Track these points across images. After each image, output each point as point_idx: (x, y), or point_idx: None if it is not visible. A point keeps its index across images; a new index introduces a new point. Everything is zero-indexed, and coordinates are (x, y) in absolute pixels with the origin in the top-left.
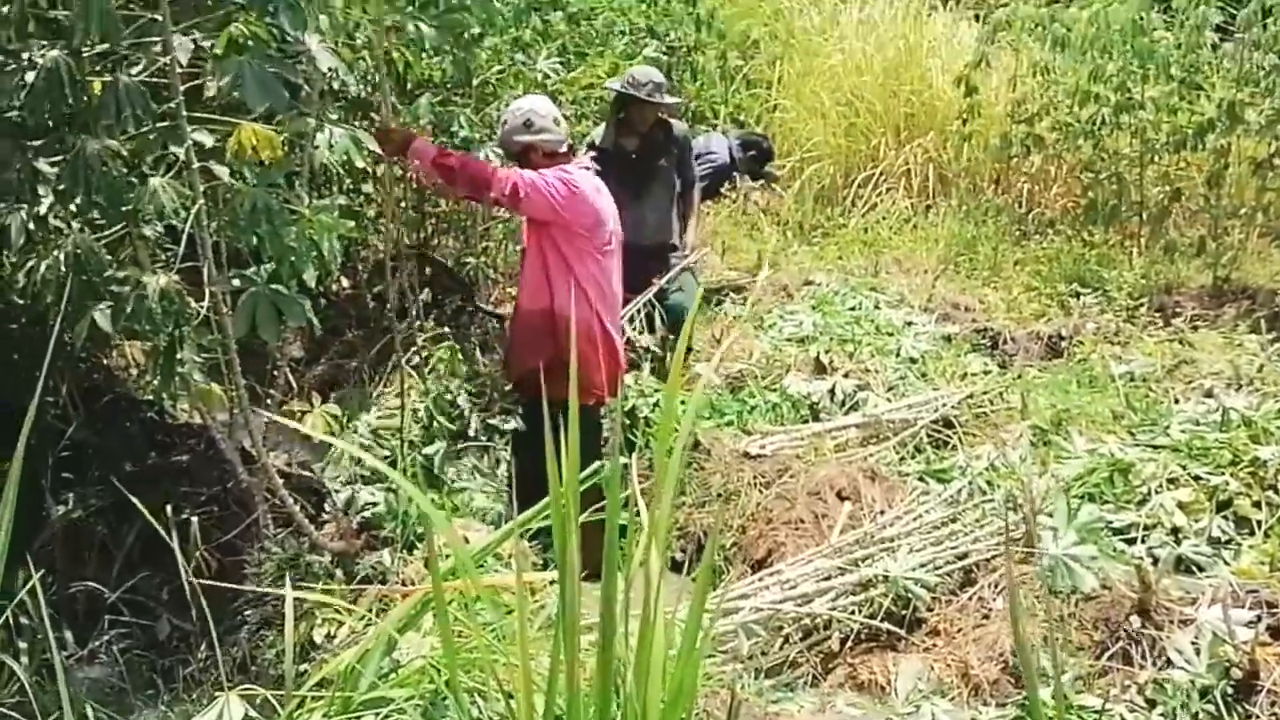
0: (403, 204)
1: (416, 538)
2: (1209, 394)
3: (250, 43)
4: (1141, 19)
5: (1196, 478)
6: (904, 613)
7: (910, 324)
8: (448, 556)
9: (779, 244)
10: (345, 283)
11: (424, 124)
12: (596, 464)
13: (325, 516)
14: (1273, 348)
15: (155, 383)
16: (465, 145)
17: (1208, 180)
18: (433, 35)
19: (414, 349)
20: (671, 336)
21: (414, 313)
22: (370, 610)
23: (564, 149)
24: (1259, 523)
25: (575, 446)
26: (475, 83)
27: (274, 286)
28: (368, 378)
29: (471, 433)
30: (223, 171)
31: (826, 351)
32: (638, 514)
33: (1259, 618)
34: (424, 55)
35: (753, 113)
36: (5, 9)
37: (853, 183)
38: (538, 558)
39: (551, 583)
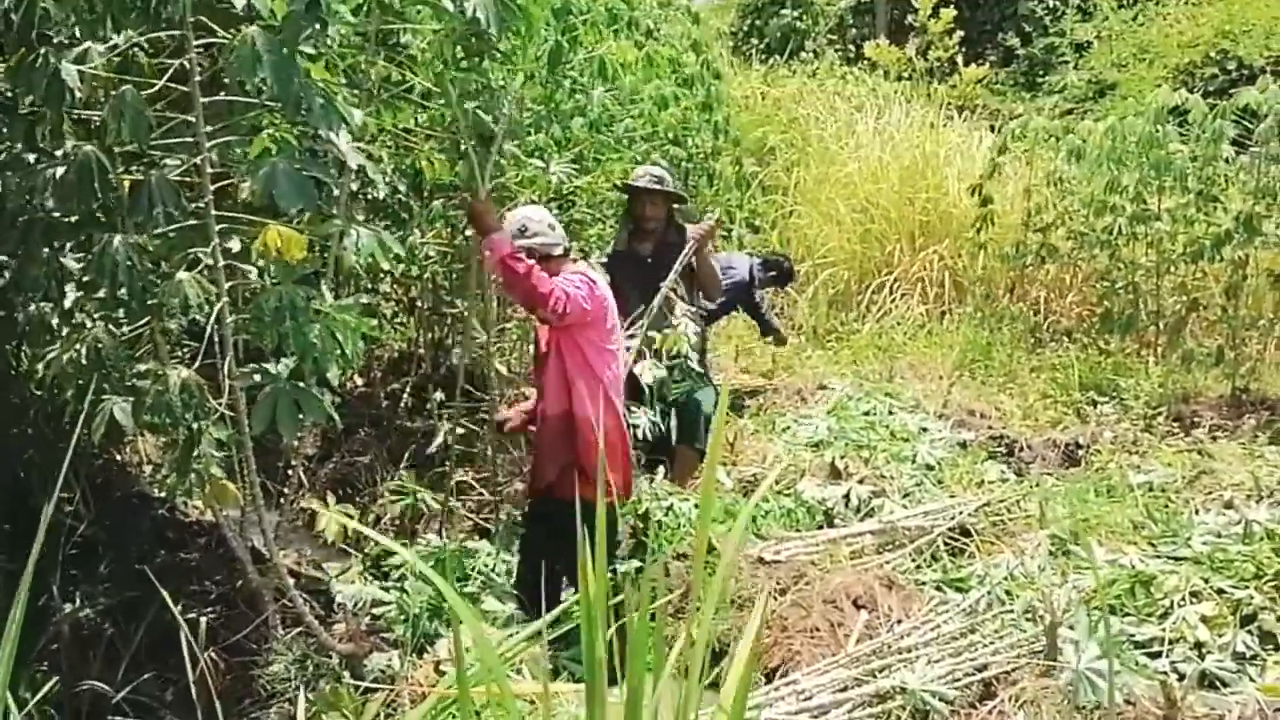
0: (418, 302)
1: (426, 640)
2: (1230, 505)
3: (283, 145)
4: (1157, 131)
5: (1220, 591)
6: None
7: (925, 430)
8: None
9: (794, 349)
10: (359, 380)
11: (438, 225)
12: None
13: (334, 617)
14: None
15: (170, 478)
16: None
17: (1225, 291)
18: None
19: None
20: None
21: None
22: (379, 714)
23: (559, 251)
24: None
25: (603, 548)
26: (490, 186)
27: (295, 382)
28: (380, 476)
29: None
30: (249, 270)
31: (841, 456)
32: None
33: None
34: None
35: (768, 218)
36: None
37: (867, 288)
38: (550, 663)
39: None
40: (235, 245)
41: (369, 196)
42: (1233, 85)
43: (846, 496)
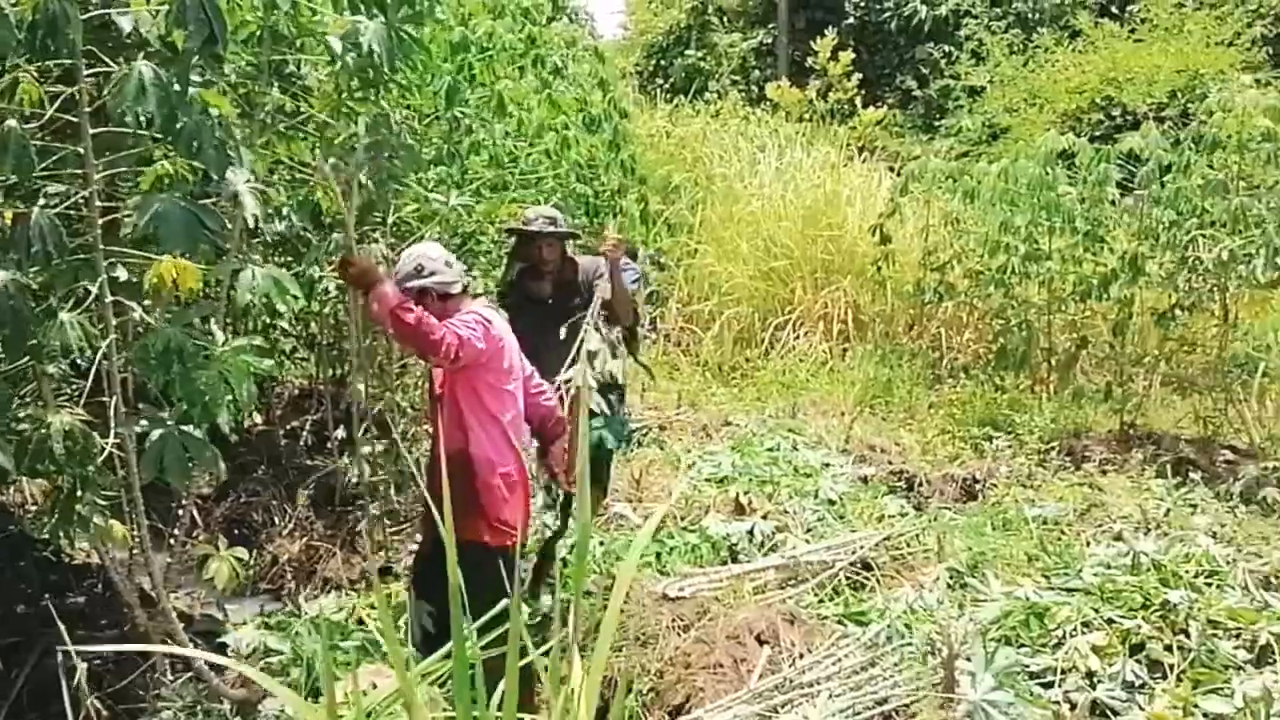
0: (319, 338)
1: (321, 684)
2: (1119, 537)
3: (172, 181)
4: (1047, 174)
5: (1110, 621)
6: None
7: (828, 465)
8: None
9: (698, 385)
10: (258, 418)
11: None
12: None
13: (226, 662)
14: (1178, 492)
15: (53, 522)
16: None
17: (1113, 329)
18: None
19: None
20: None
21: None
22: None
23: (457, 289)
24: (1171, 666)
25: (460, 588)
26: (391, 220)
27: (184, 428)
28: (277, 516)
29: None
30: (136, 309)
31: (745, 492)
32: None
33: None
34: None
35: (674, 256)
36: None
37: (771, 325)
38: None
39: None
40: (122, 275)
41: (261, 232)
42: (1118, 130)
43: (750, 532)
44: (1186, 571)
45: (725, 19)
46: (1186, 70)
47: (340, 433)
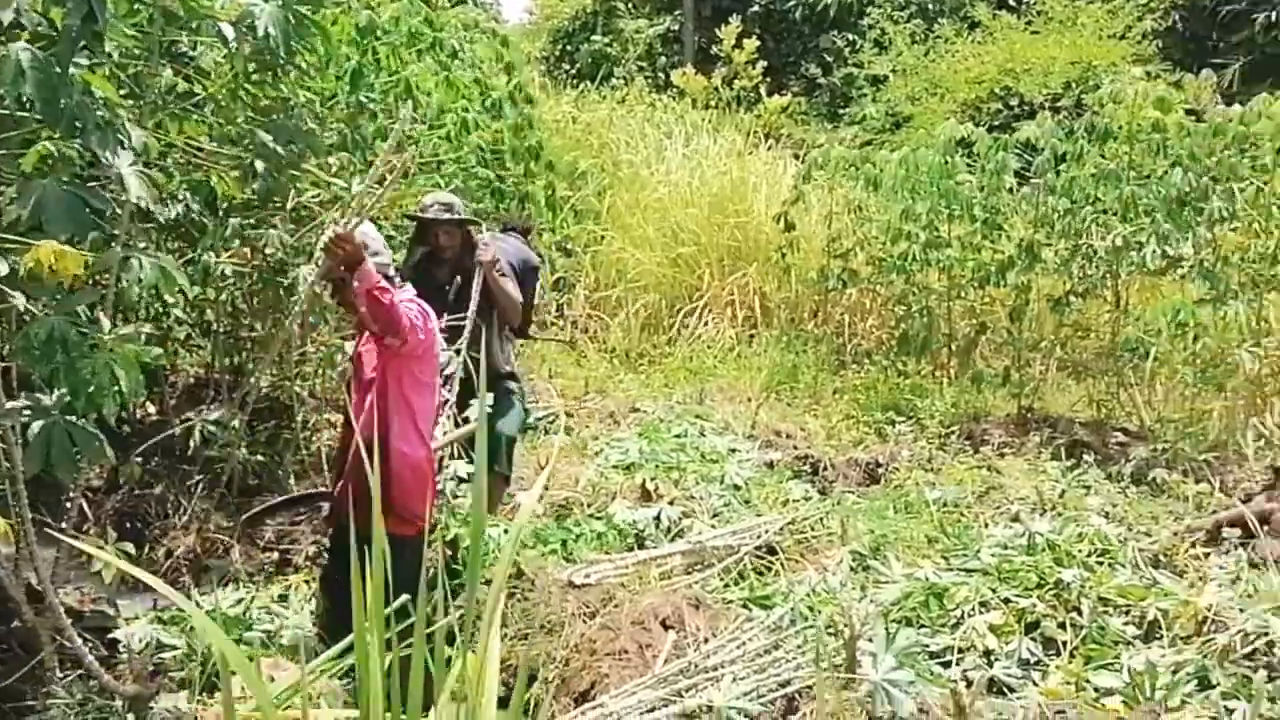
0: (215, 326)
1: (217, 678)
2: (1016, 519)
3: (56, 164)
4: (947, 163)
5: (1006, 600)
6: None
7: (734, 451)
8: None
9: (606, 372)
10: (151, 409)
11: (235, 244)
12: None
13: (118, 658)
14: (1072, 474)
15: None
16: (278, 267)
17: (1010, 315)
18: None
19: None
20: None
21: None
22: None
23: (392, 272)
24: (1064, 643)
25: (381, 579)
26: (290, 205)
27: (69, 418)
28: (171, 509)
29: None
30: (18, 297)
31: (652, 479)
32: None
33: None
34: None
35: (580, 242)
36: None
37: (678, 311)
38: (350, 697)
39: None
40: (3, 268)
41: (153, 216)
42: (1015, 120)
43: (657, 518)
44: (1079, 551)
45: (631, 5)
46: (1080, 62)
47: (238, 422)
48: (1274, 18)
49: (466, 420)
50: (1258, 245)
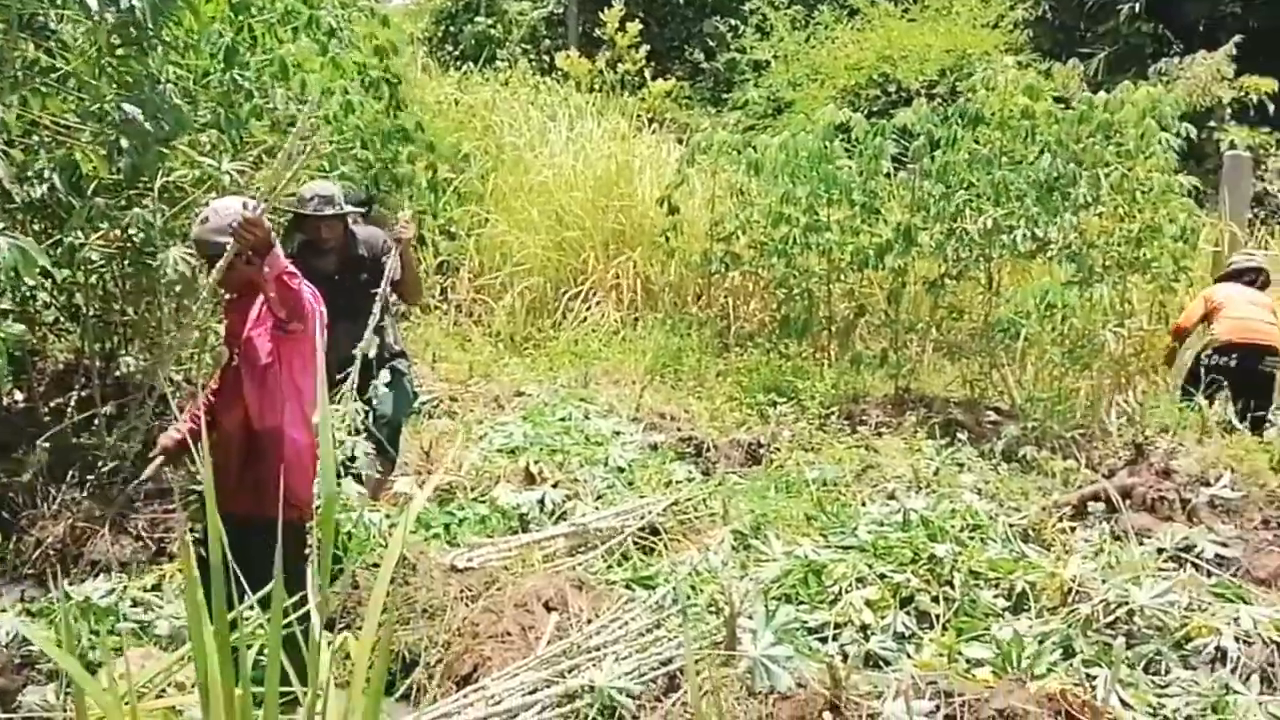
0: (84, 312)
1: (89, 669)
2: (892, 496)
3: None
4: (826, 148)
5: (882, 576)
6: None
7: (618, 434)
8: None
9: (491, 356)
10: (19, 396)
11: (103, 227)
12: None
13: None
14: (946, 452)
15: None
16: (144, 248)
17: (888, 297)
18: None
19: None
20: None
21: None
22: None
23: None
24: (937, 617)
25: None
26: (158, 185)
27: None
28: (40, 497)
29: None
30: None
31: (536, 462)
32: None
33: (937, 708)
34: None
35: (464, 225)
36: None
37: (564, 295)
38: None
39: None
40: None
41: (14, 196)
42: (893, 106)
43: (541, 501)
44: (952, 527)
45: None
46: (955, 50)
47: (109, 409)
48: (1138, 9)
49: (369, 403)
50: (1122, 229)
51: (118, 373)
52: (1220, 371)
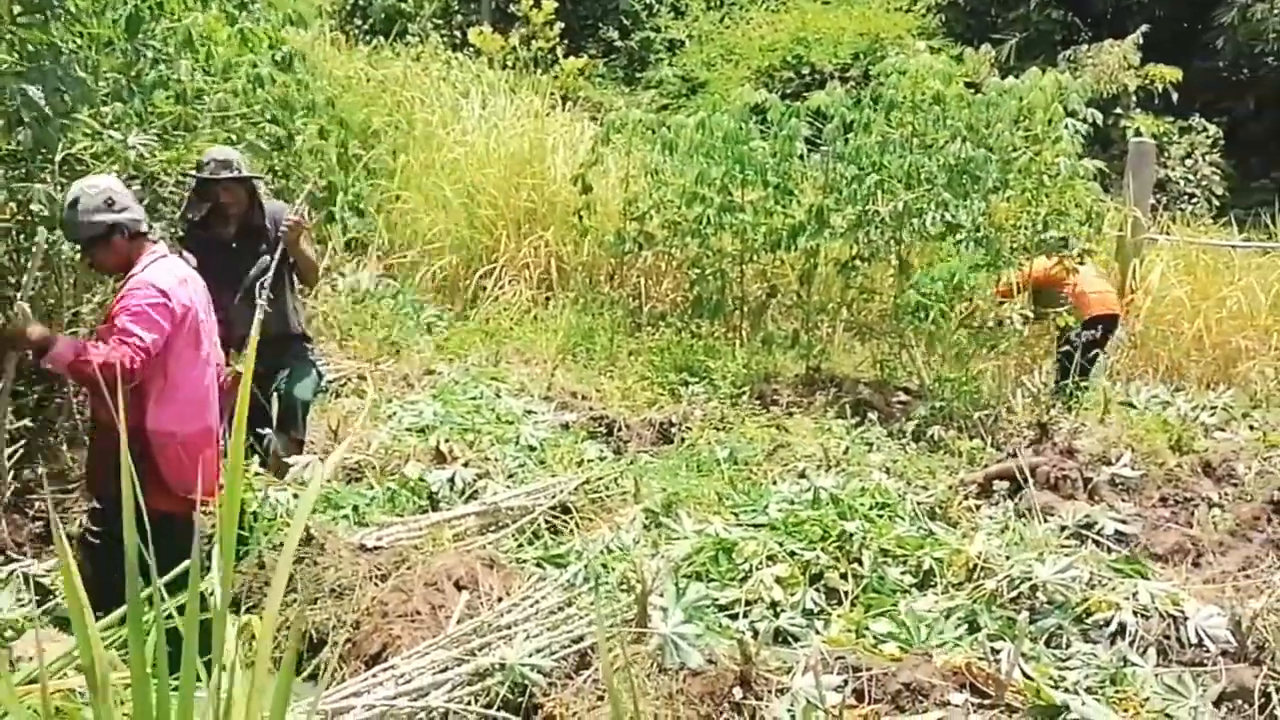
0: None
1: None
2: (803, 475)
3: None
4: (741, 128)
5: (792, 554)
6: (520, 700)
7: (530, 413)
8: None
9: (400, 333)
10: None
11: (1, 200)
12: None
13: None
14: (856, 431)
15: None
16: (44, 223)
17: (800, 278)
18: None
19: None
20: (283, 433)
21: None
22: None
23: (145, 228)
24: (846, 593)
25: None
26: (60, 158)
27: None
28: None
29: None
30: None
31: (446, 440)
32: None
33: (845, 682)
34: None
35: (372, 201)
36: None
37: (475, 274)
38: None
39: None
40: None
41: None
42: (807, 88)
43: (451, 480)
44: (862, 505)
45: None
46: (869, 34)
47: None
48: None
49: (277, 390)
50: (1029, 213)
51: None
52: (1094, 345)
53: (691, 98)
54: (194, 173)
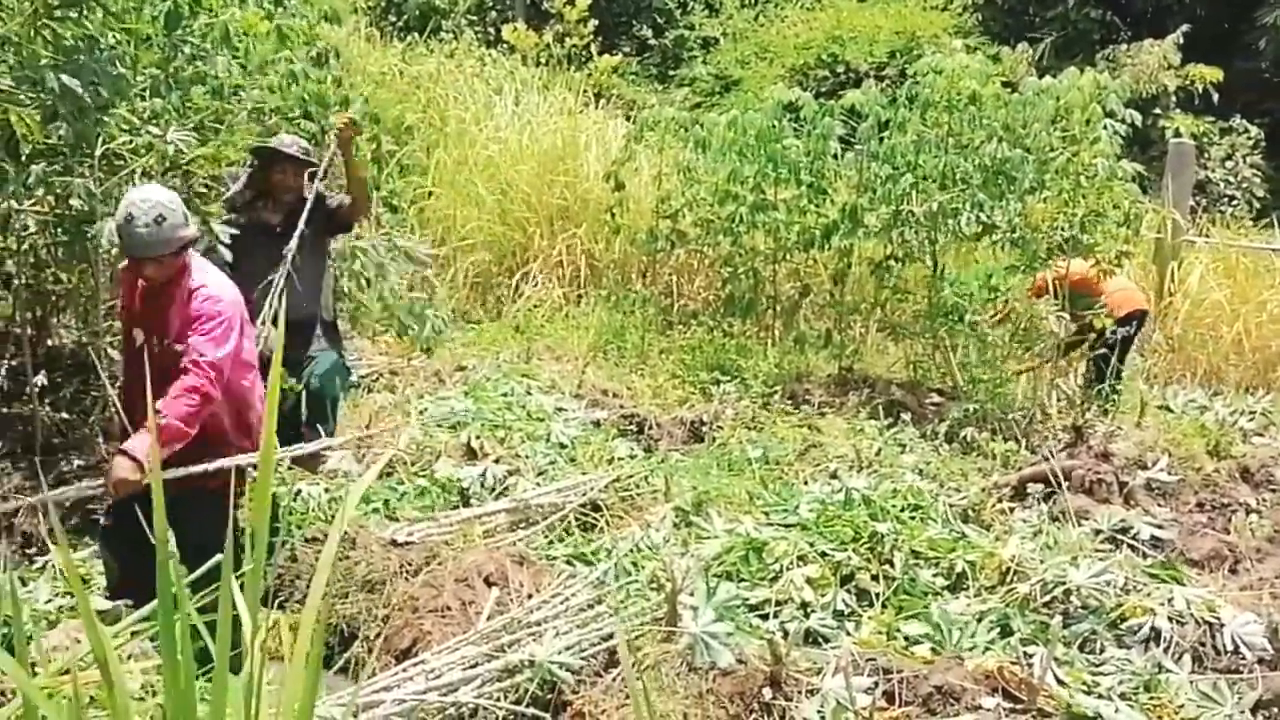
0: (17, 278)
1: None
2: (834, 475)
3: None
4: (774, 126)
5: (823, 554)
6: (549, 697)
7: (561, 410)
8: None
9: (433, 329)
10: None
11: (39, 193)
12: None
13: None
14: (889, 432)
15: None
16: (84, 218)
17: (833, 278)
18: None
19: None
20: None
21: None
22: None
23: (194, 233)
24: (877, 595)
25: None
26: (99, 153)
27: None
28: None
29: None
30: None
31: (477, 437)
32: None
33: (876, 684)
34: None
35: (405, 197)
36: None
37: (507, 270)
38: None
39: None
40: None
41: None
42: (841, 87)
43: (482, 476)
44: (893, 506)
45: None
46: (905, 32)
47: (40, 378)
48: None
49: (306, 386)
50: (1066, 214)
51: (49, 342)
52: (1129, 341)
53: (725, 96)
54: (265, 144)
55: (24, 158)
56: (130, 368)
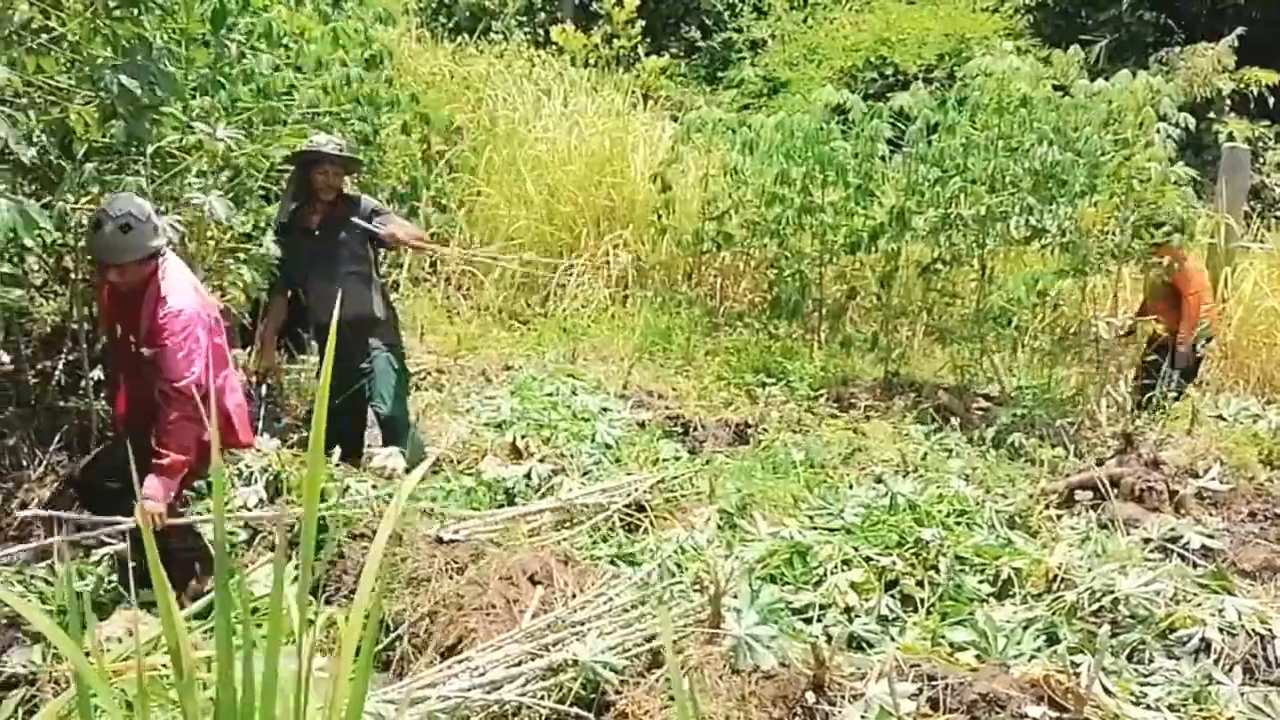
0: (73, 273)
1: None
2: (879, 480)
3: None
4: (822, 128)
5: (868, 559)
6: (593, 696)
7: (606, 410)
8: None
9: (479, 329)
10: (5, 358)
11: (94, 191)
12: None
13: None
14: (935, 437)
15: None
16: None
17: (880, 281)
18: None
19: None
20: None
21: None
22: (17, 712)
23: (165, 243)
24: (922, 600)
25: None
26: (151, 151)
27: None
28: (26, 460)
29: None
30: None
31: (523, 436)
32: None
33: (920, 690)
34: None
35: (455, 198)
36: None
37: (554, 270)
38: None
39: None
40: None
41: (12, 155)
42: (890, 89)
43: (527, 475)
44: (939, 511)
45: None
46: (954, 34)
47: (96, 373)
48: None
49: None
50: (1118, 219)
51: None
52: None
53: (773, 98)
54: (305, 148)
55: (78, 156)
56: (114, 358)
